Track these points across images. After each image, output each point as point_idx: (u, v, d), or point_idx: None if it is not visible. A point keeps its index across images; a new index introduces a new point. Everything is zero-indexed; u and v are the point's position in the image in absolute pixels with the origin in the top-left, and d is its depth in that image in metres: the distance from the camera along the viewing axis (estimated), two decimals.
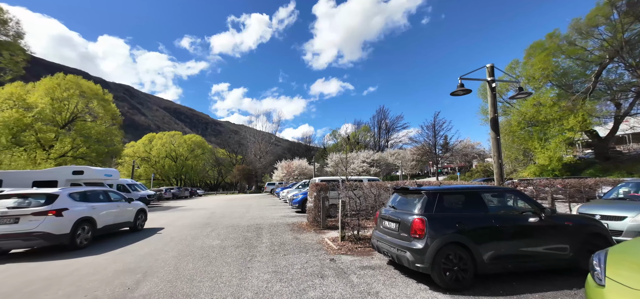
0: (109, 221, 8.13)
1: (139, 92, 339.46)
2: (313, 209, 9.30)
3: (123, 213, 8.83)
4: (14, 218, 6.20)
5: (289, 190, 19.94)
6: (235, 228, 9.34)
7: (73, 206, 6.98)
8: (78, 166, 16.66)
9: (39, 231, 6.17)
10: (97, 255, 6.11)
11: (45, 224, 6.25)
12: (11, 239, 6.10)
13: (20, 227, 6.14)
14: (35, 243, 6.32)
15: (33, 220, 6.24)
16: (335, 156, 46.39)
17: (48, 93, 30.95)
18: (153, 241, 7.60)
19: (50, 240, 6.31)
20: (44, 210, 6.38)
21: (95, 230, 7.47)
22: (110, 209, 8.27)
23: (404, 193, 4.75)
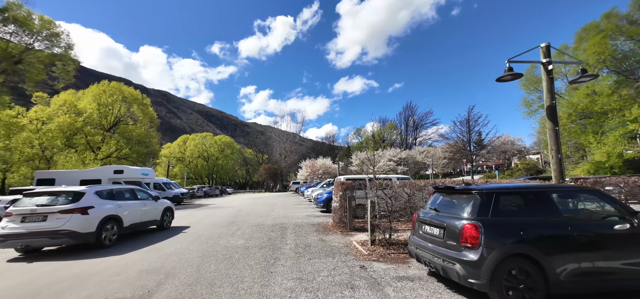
0: (135, 219, 8.06)
1: (175, 97, 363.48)
2: (338, 209, 8.79)
3: (150, 212, 8.77)
4: (42, 216, 6.26)
5: (313, 189, 19.61)
6: (259, 227, 9.14)
7: (99, 204, 6.97)
8: (119, 166, 17.84)
9: (66, 230, 6.16)
10: (124, 254, 6.11)
11: (71, 222, 6.25)
12: (39, 237, 6.11)
13: (47, 225, 6.18)
14: (62, 241, 6.32)
15: (60, 218, 6.25)
16: (360, 154, 45.34)
17: (95, 99, 33.96)
18: (179, 239, 7.61)
19: (76, 238, 6.30)
20: (70, 208, 6.40)
21: (121, 228, 7.43)
22: (136, 207, 8.24)
23: (449, 193, 4.05)
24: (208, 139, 75.02)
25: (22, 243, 6.13)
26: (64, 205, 6.47)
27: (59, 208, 6.35)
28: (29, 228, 6.12)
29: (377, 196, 6.58)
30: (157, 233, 8.64)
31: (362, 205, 10.47)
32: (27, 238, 6.08)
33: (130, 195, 8.43)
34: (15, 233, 6.05)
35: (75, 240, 6.32)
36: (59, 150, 30.79)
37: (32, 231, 6.09)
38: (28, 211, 6.29)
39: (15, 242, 6.09)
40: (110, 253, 6.29)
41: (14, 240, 6.06)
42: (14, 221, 6.22)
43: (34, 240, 6.13)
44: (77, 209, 6.42)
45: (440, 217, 3.75)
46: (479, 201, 3.40)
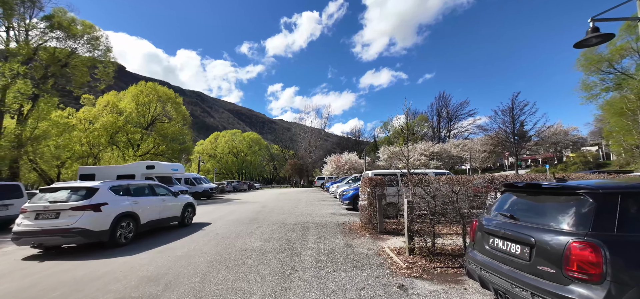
0: (153, 216, 7.72)
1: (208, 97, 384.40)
2: (367, 208, 7.74)
3: (169, 208, 8.42)
4: (55, 213, 5.93)
5: (338, 185, 18.63)
6: (280, 226, 8.43)
7: (114, 200, 6.64)
8: (150, 162, 18.50)
9: (77, 227, 5.81)
10: (134, 255, 5.67)
11: (83, 220, 5.89)
12: (52, 235, 5.80)
13: (59, 222, 5.86)
14: (74, 240, 6.00)
15: (72, 215, 5.89)
16: (388, 149, 43.32)
17: (134, 99, 36.28)
18: (195, 239, 7.15)
19: (88, 237, 5.95)
20: (82, 204, 6.04)
21: (138, 226, 7.09)
22: (155, 204, 7.90)
23: (532, 193, 2.83)
24: (237, 136, 77.55)
25: (35, 241, 5.90)
26: (76, 201, 6.12)
27: (70, 205, 6.00)
28: (42, 225, 5.85)
29: (415, 195, 5.42)
30: (176, 231, 8.31)
31: (394, 203, 9.31)
32: (40, 236, 5.83)
33: (148, 190, 8.10)
34: (29, 231, 5.81)
35: (88, 239, 5.98)
36: (103, 148, 33.40)
37: (45, 228, 5.81)
38: (41, 208, 5.99)
39: (29, 240, 5.87)
40: (121, 253, 5.89)
41: (28, 238, 5.84)
42: (29, 218, 5.97)
43: (47, 238, 5.85)
44: (89, 206, 6.06)
45: (522, 228, 2.57)
46: (593, 207, 2.19)
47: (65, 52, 22.64)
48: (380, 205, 7.19)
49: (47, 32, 21.31)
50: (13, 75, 20.99)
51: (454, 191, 5.07)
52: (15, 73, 21.10)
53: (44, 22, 21.32)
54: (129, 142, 36.55)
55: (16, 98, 21.42)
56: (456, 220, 5.14)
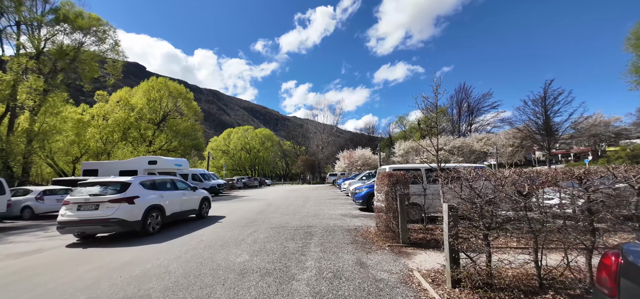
0: (175, 209, 8.37)
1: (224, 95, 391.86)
2: (385, 211, 6.12)
3: (188, 202, 9.03)
4: (95, 205, 6.62)
5: (350, 182, 17.04)
6: (280, 231, 7.01)
7: (144, 194, 7.28)
8: (153, 157, 17.69)
9: (115, 218, 6.52)
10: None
11: (120, 211, 6.58)
12: (92, 224, 6.51)
13: (99, 213, 6.54)
14: (113, 229, 6.72)
15: (110, 207, 6.59)
16: (404, 144, 41.04)
17: (145, 95, 36.17)
18: (174, 247, 5.85)
19: (124, 226, 6.65)
20: (119, 197, 6.71)
21: (164, 217, 7.72)
22: (176, 197, 8.49)
23: None
24: (249, 132, 77.39)
25: (78, 229, 6.64)
26: (113, 194, 6.75)
27: (108, 198, 6.65)
28: (84, 216, 6.52)
29: (459, 197, 3.77)
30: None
31: (417, 204, 7.64)
32: (82, 225, 6.53)
33: (170, 185, 8.68)
34: (72, 221, 6.52)
35: (124, 228, 6.66)
36: (115, 144, 33.53)
37: (86, 219, 6.49)
38: (82, 200, 6.67)
39: (72, 229, 6.62)
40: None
41: (71, 227, 6.58)
42: (71, 210, 6.64)
43: (88, 227, 6.55)
44: (124, 199, 6.72)
45: None
46: None
47: (72, 46, 22.34)
48: (403, 209, 5.56)
49: (53, 24, 21.03)
50: (22, 70, 20.94)
51: (520, 192, 3.37)
52: (24, 68, 21.04)
53: (50, 15, 21.07)
54: (141, 138, 36.61)
55: (30, 95, 21.41)
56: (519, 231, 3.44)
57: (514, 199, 3.41)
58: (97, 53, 24.25)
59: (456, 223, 3.47)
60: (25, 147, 19.88)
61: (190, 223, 8.67)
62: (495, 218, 3.42)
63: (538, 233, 3.25)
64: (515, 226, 3.42)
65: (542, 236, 3.22)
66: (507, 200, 3.39)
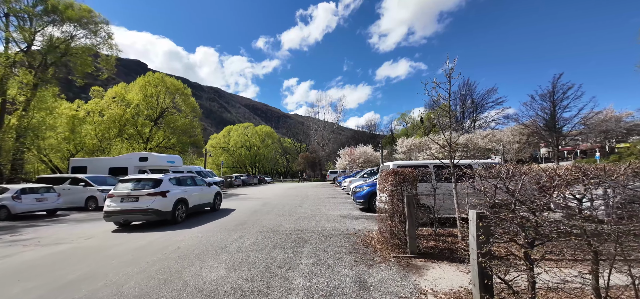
0: (196, 202, 9.44)
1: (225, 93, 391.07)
2: (389, 214, 5.26)
3: (205, 196, 10.21)
4: (135, 198, 7.74)
5: (351, 180, 16.19)
6: (269, 236, 6.18)
7: (173, 189, 8.33)
8: (143, 153, 16.93)
9: (152, 208, 7.66)
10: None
11: (155, 203, 7.71)
12: (134, 213, 7.66)
13: (139, 204, 7.66)
14: (150, 218, 7.72)
15: (148, 199, 7.71)
16: (407, 141, 40.11)
17: (141, 90, 35.32)
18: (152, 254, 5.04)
19: (159, 216, 7.74)
20: (154, 192, 7.79)
21: (187, 209, 8.77)
22: (196, 192, 9.57)
23: None
24: (249, 129, 76.48)
25: (122, 218, 7.70)
26: (150, 189, 7.84)
27: (146, 192, 7.76)
28: (126, 207, 7.64)
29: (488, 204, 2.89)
30: None
31: (426, 206, 6.78)
32: (126, 214, 7.65)
33: (191, 181, 9.80)
34: (117, 211, 7.61)
35: (158, 217, 7.74)
36: (111, 140, 32.78)
37: (129, 209, 7.62)
38: (125, 194, 7.78)
39: (117, 217, 7.68)
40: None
41: (116, 216, 7.65)
42: (115, 202, 7.71)
43: (131, 216, 7.68)
44: (158, 193, 7.81)
45: None
46: None
47: (63, 38, 21.51)
48: (412, 212, 4.69)
49: (42, 16, 20.20)
50: (11, 64, 20.17)
51: (575, 198, 2.49)
52: (12, 61, 20.26)
53: (40, 5, 20.22)
54: (138, 134, 35.86)
55: (21, 90, 20.66)
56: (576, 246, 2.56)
57: (566, 204, 2.53)
58: (89, 46, 23.43)
59: (488, 237, 2.59)
60: (12, 144, 19.15)
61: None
62: (540, 228, 2.55)
63: (599, 246, 2.38)
64: (566, 239, 2.54)
65: (607, 251, 2.34)
66: (559, 204, 2.51)
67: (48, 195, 11.21)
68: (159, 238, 6.39)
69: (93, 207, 12.59)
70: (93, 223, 9.06)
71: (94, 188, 12.76)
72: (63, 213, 12.00)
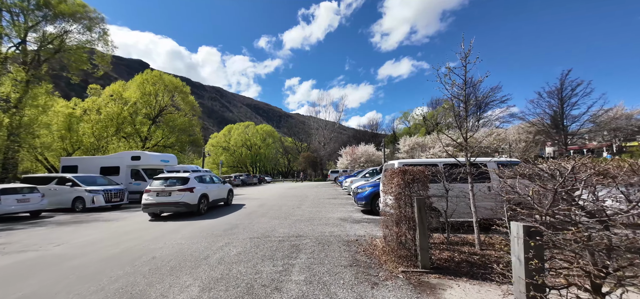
0: (214, 197, 10.75)
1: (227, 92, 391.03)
2: (395, 220, 4.53)
3: (221, 192, 11.61)
4: (169, 193, 9.05)
5: (353, 179, 15.46)
6: (259, 244, 5.47)
7: (197, 185, 9.59)
8: (136, 152, 16.28)
9: (183, 201, 8.99)
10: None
11: (185, 197, 9.02)
12: (167, 206, 9.00)
13: (172, 198, 8.98)
14: (181, 209, 9.05)
15: (179, 194, 9.01)
16: (409, 140, 39.32)
17: (139, 88, 34.74)
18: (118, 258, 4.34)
19: (188, 208, 9.08)
20: (184, 188, 9.11)
21: (208, 203, 10.05)
22: (214, 188, 10.92)
23: None
24: (250, 128, 75.85)
25: (158, 209, 9.05)
26: (179, 185, 9.17)
27: (178, 188, 9.07)
28: (161, 200, 8.99)
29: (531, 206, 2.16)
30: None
31: (435, 209, 6.04)
32: (160, 206, 8.98)
33: (209, 179, 11.18)
34: (153, 203, 8.98)
35: (187, 209, 9.08)
36: (109, 139, 32.22)
37: (163, 202, 8.97)
38: (160, 189, 9.12)
39: (154, 209, 9.03)
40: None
41: (154, 207, 9.02)
42: (152, 196, 9.06)
43: (165, 207, 9.00)
44: (187, 188, 9.13)
45: None
46: None
47: (56, 34, 20.92)
48: (424, 219, 3.95)
49: (34, 10, 19.62)
50: (2, 60, 19.61)
51: None
52: (3, 57, 19.71)
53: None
54: (137, 133, 35.31)
55: (15, 88, 20.11)
56: None
57: None
58: (84, 42, 22.83)
59: (543, 262, 1.85)
60: (3, 142, 18.58)
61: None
62: (616, 251, 1.80)
63: None
64: None
65: None
66: None
67: (31, 196, 10.57)
68: (133, 247, 5.71)
69: (80, 208, 11.95)
70: (74, 226, 8.40)
71: (81, 188, 12.11)
72: (48, 214, 11.37)
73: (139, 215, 10.18)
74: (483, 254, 4.45)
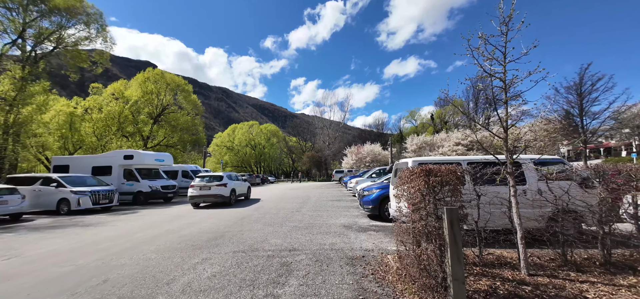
0: (240, 191, 13.84)
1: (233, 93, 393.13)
2: (414, 233, 3.40)
3: (243, 188, 14.42)
4: (209, 187, 11.99)
5: (358, 180, 14.33)
6: (242, 262, 4.42)
7: (229, 182, 12.54)
8: (128, 151, 15.46)
9: (219, 194, 11.98)
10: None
11: (222, 191, 12.03)
12: (208, 198, 11.96)
13: (211, 192, 11.95)
14: (217, 200, 12.00)
15: (216, 189, 11.97)
16: (417, 139, 37.90)
17: (140, 86, 34.20)
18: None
19: (223, 199, 12.07)
20: (220, 183, 12.14)
21: (236, 196, 13.03)
22: (239, 185, 13.83)
23: None
24: (254, 128, 75.16)
25: (201, 200, 12.05)
26: (217, 182, 12.21)
27: (215, 183, 12.10)
28: (203, 193, 11.97)
29: None
30: None
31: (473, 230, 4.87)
32: (204, 198, 11.99)
33: (235, 178, 14.21)
34: (198, 195, 11.98)
35: (222, 201, 12.09)
36: (110, 139, 31.77)
37: (205, 194, 11.96)
38: (202, 185, 12.08)
39: (198, 200, 12.03)
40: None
41: (198, 199, 12.01)
42: (196, 190, 11.99)
43: (206, 199, 11.99)
44: (222, 184, 12.18)
45: None
46: None
47: (51, 30, 20.34)
48: (457, 238, 2.82)
49: (28, 5, 19.05)
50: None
51: None
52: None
53: None
54: (138, 132, 34.80)
55: (13, 86, 19.62)
56: None
57: None
58: (82, 38, 22.24)
59: None
60: None
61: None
62: None
63: None
64: None
65: None
66: None
67: (9, 198, 9.76)
68: (90, 264, 4.73)
69: (65, 210, 11.13)
70: (46, 232, 7.52)
71: (67, 189, 11.28)
72: (29, 217, 10.58)
73: (124, 220, 9.28)
74: (536, 283, 3.29)
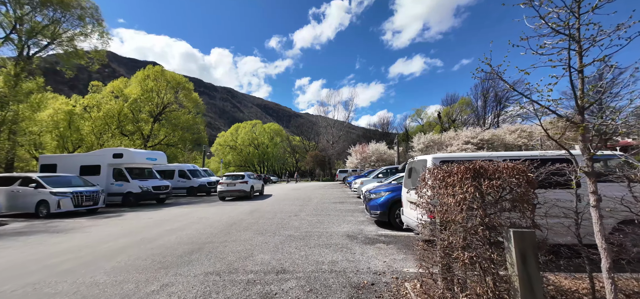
0: (257, 188, 16.81)
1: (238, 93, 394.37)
2: (451, 262, 2.28)
3: (258, 185, 17.25)
4: (234, 184, 14.67)
5: (363, 180, 13.20)
6: (208, 295, 3.34)
7: (249, 180, 15.11)
8: (118, 149, 14.54)
9: (242, 190, 14.61)
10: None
11: (244, 187, 14.63)
12: (233, 192, 14.67)
13: (236, 187, 14.61)
14: (240, 195, 14.73)
15: (239, 185, 14.64)
16: (424, 137, 36.47)
17: (140, 84, 33.52)
18: None
19: (244, 194, 14.68)
20: (242, 181, 14.72)
21: (253, 191, 15.75)
22: (255, 182, 16.67)
23: None
24: (258, 127, 74.36)
25: (227, 195, 14.81)
26: (240, 180, 14.78)
27: (239, 181, 14.73)
28: (229, 188, 14.60)
29: None
30: None
31: None
32: (230, 193, 14.67)
33: (254, 176, 17.35)
34: (225, 191, 14.64)
35: (244, 195, 14.73)
36: (112, 135, 31.17)
37: (231, 189, 14.59)
38: (229, 182, 14.73)
39: (225, 195, 14.81)
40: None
41: (225, 194, 14.75)
42: (223, 186, 14.68)
43: (232, 193, 14.66)
44: (244, 181, 14.70)
45: None
46: None
47: (44, 25, 19.64)
48: (534, 287, 1.69)
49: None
50: None
51: None
52: None
53: None
54: (138, 131, 34.16)
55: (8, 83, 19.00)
56: None
57: None
58: (77, 34, 21.54)
59: None
60: None
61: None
62: None
63: None
64: None
65: None
66: None
67: None
68: (19, 288, 3.69)
69: (44, 213, 10.21)
70: (7, 241, 6.56)
71: (46, 190, 10.38)
72: (4, 220, 9.70)
73: (103, 224, 8.30)
74: None
